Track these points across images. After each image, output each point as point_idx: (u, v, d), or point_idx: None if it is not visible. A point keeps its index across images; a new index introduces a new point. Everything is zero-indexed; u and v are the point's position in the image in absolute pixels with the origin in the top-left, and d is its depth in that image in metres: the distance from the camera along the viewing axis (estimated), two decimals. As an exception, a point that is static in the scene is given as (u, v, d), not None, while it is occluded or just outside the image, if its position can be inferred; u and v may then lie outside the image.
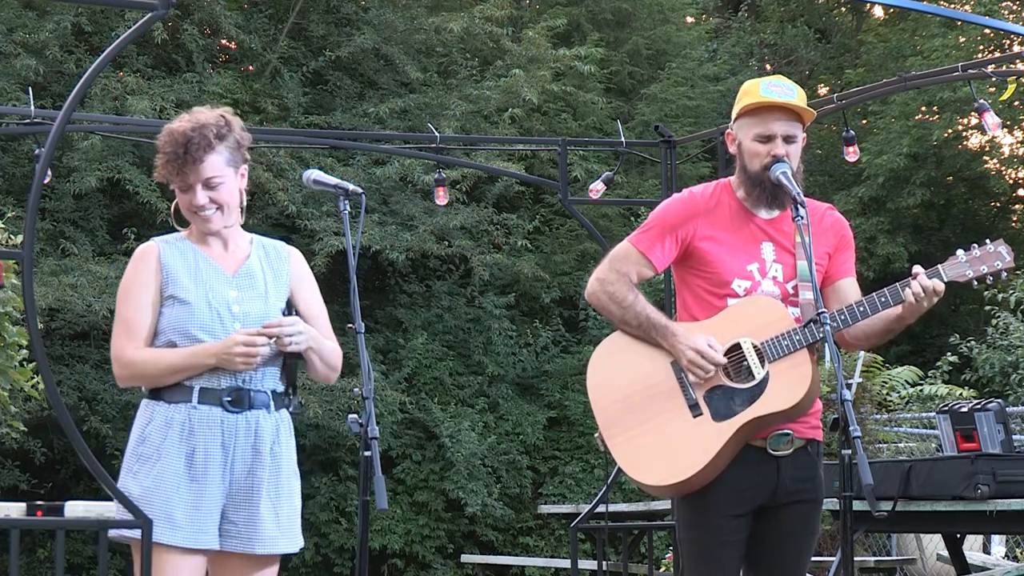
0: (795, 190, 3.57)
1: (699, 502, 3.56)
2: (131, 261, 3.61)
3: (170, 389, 3.49)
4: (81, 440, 5.46)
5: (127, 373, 3.53)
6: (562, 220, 14.96)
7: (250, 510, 3.45)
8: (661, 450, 3.53)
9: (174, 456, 3.44)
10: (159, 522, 3.42)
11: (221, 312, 3.52)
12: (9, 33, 12.02)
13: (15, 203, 10.99)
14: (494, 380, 13.86)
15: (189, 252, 3.60)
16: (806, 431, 3.62)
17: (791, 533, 3.64)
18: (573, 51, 14.20)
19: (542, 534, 13.58)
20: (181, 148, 3.51)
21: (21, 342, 7.10)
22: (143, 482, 3.46)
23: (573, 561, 6.98)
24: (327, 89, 14.00)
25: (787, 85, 3.67)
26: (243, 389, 3.49)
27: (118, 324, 3.56)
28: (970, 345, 12.03)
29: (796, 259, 3.62)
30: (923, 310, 3.49)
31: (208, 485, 3.43)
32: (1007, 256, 3.51)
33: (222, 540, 3.45)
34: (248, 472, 3.46)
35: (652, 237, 3.68)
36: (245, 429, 3.47)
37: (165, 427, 3.47)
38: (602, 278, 3.69)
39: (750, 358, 3.51)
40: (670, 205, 3.74)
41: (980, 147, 17.00)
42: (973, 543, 8.08)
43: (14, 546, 5.42)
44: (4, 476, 11.63)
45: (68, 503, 5.79)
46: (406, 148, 10.77)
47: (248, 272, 3.61)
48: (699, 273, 3.66)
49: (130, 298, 3.54)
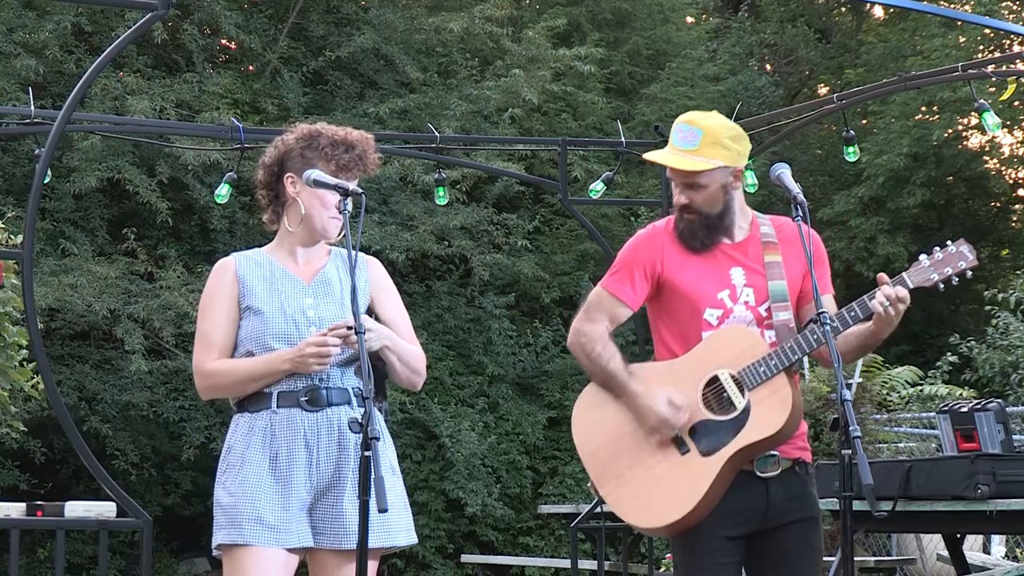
0: (794, 190, 3.56)
1: (691, 528, 3.57)
2: (210, 275, 3.64)
3: (252, 399, 3.52)
4: (81, 440, 5.47)
5: (206, 384, 3.56)
6: (562, 220, 14.96)
7: (336, 506, 3.46)
8: (653, 492, 3.55)
9: (258, 461, 3.46)
10: (249, 524, 3.42)
11: (297, 319, 3.53)
12: (9, 33, 12.02)
13: (15, 203, 10.99)
14: (494, 380, 13.87)
15: (266, 264, 3.62)
16: (792, 451, 3.63)
17: (791, 552, 3.63)
18: (573, 51, 14.20)
19: (542, 534, 13.59)
20: (352, 149, 3.57)
21: (21, 342, 7.11)
22: (231, 489, 3.47)
23: (573, 561, 7.01)
24: (327, 89, 14.00)
25: (691, 130, 3.62)
26: (319, 388, 3.49)
27: (198, 337, 3.60)
28: (970, 345, 12.03)
29: (768, 279, 3.62)
30: (892, 321, 3.47)
31: (294, 485, 3.44)
32: (969, 255, 3.52)
33: (316, 537, 3.47)
34: (335, 468, 3.47)
35: (620, 277, 3.70)
36: (327, 427, 3.48)
37: (248, 435, 3.50)
38: (577, 328, 3.74)
39: (729, 389, 3.52)
40: (633, 242, 3.76)
41: (980, 147, 16.99)
42: (973, 543, 8.08)
43: (14, 546, 5.42)
44: (4, 476, 11.64)
45: (68, 503, 5.81)
46: (406, 148, 10.78)
47: (324, 280, 3.62)
48: (671, 306, 3.67)
49: (207, 311, 3.59)
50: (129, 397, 11.89)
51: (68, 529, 6.40)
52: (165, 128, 10.97)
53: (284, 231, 3.65)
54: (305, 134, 3.61)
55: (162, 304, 11.45)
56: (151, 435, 12.54)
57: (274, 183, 3.64)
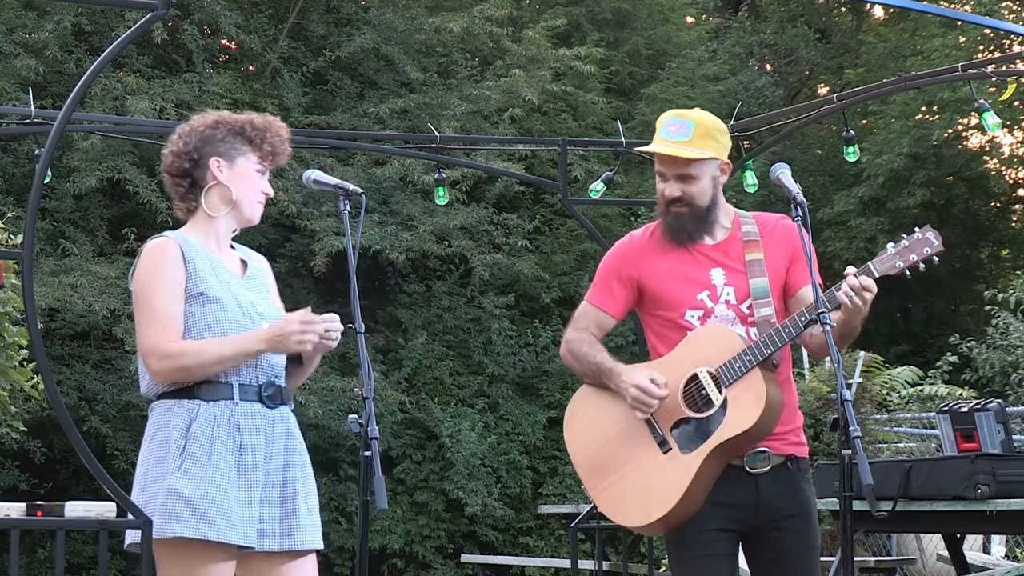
0: (794, 190, 3.57)
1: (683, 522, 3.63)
2: (147, 255, 3.44)
3: (207, 387, 3.38)
4: (81, 440, 5.46)
5: (168, 365, 3.34)
6: (562, 220, 14.96)
7: (286, 506, 3.40)
8: (638, 492, 3.63)
9: (224, 454, 3.35)
10: (221, 521, 3.30)
11: (250, 312, 3.46)
12: (9, 33, 12.02)
13: (15, 203, 10.99)
14: (494, 380, 13.86)
15: (202, 251, 3.49)
16: (784, 447, 3.65)
17: (789, 551, 3.65)
18: (573, 51, 14.21)
19: (542, 534, 13.59)
20: (283, 135, 3.54)
21: (21, 342, 7.10)
22: (197, 481, 3.31)
23: (573, 561, 6.99)
24: (327, 89, 14.00)
25: (682, 123, 3.67)
26: (276, 384, 3.45)
27: (147, 317, 3.39)
28: (970, 345, 12.03)
29: (748, 277, 3.66)
30: (861, 310, 3.49)
31: (255, 483, 3.37)
32: (935, 241, 3.55)
33: (259, 539, 3.36)
34: (283, 468, 3.42)
35: (600, 289, 3.81)
36: (280, 424, 3.44)
37: (211, 425, 3.36)
38: (567, 338, 3.86)
39: (708, 386, 3.57)
40: (610, 253, 3.86)
41: (980, 147, 16.99)
42: (973, 543, 8.08)
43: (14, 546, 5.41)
44: (4, 476, 11.64)
45: (68, 503, 5.79)
46: (406, 148, 10.77)
47: (252, 275, 3.58)
48: (654, 311, 3.75)
49: (159, 289, 3.38)
50: (129, 397, 11.88)
51: (68, 529, 6.39)
52: (165, 128, 10.90)
53: (204, 217, 3.52)
54: (222, 120, 3.53)
55: (162, 304, 11.45)
56: (151, 435, 12.54)
57: (191, 170, 3.50)
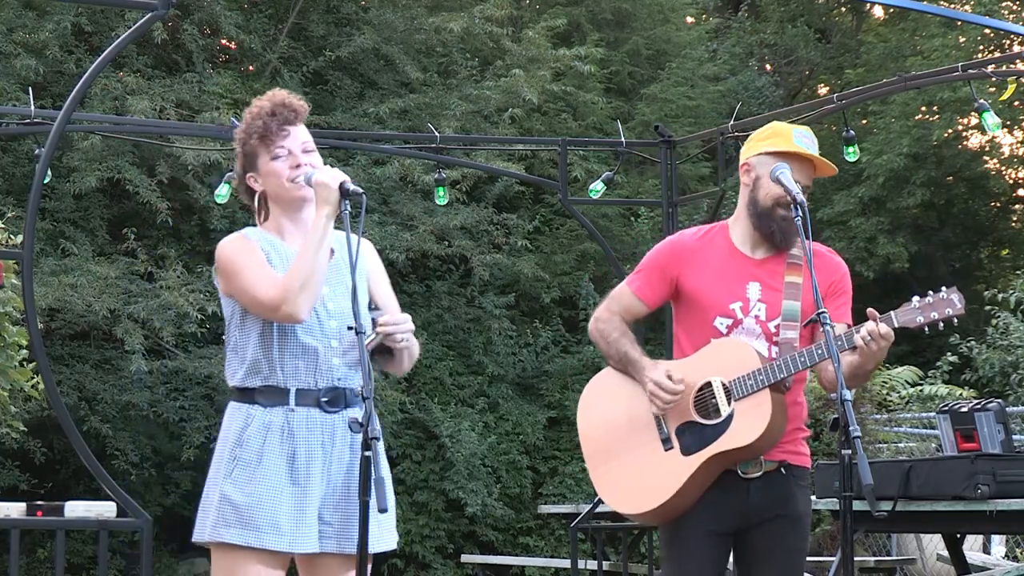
0: (794, 190, 3.65)
1: (675, 521, 3.77)
2: (223, 247, 3.44)
3: (264, 392, 3.38)
4: (81, 440, 5.46)
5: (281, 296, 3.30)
6: (562, 220, 14.96)
7: (347, 510, 3.37)
8: (634, 481, 3.78)
9: (275, 460, 3.34)
10: (268, 529, 3.31)
11: (318, 310, 3.42)
12: (9, 33, 12.01)
13: (15, 203, 10.99)
14: (494, 380, 13.86)
15: (278, 243, 3.48)
16: (776, 454, 3.74)
17: (770, 551, 3.75)
18: (573, 51, 14.20)
19: (542, 534, 13.58)
20: (270, 116, 3.46)
21: (21, 342, 7.11)
22: (245, 488, 3.32)
23: (573, 561, 7.01)
24: (327, 89, 14.00)
25: (812, 138, 3.86)
26: (339, 388, 3.42)
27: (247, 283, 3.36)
28: (970, 345, 12.03)
29: (784, 298, 3.75)
30: (876, 355, 3.57)
31: (310, 488, 3.35)
32: (958, 304, 3.61)
33: (322, 542, 3.37)
34: (347, 472, 3.39)
35: (642, 277, 3.94)
36: (343, 429, 3.39)
37: (264, 430, 3.35)
38: (597, 316, 3.99)
39: (718, 396, 3.70)
40: (660, 247, 3.99)
41: (980, 147, 16.99)
42: (973, 543, 8.08)
43: (14, 546, 5.42)
44: (4, 476, 11.64)
45: (68, 503, 5.81)
46: (406, 148, 10.78)
47: (335, 266, 3.49)
48: (686, 311, 3.88)
49: (247, 259, 3.37)
50: (129, 397, 11.89)
51: (68, 529, 6.40)
52: (165, 128, 10.97)
53: (271, 219, 3.55)
54: (238, 140, 3.54)
55: (162, 304, 11.44)
56: (151, 435, 12.54)
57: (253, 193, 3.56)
